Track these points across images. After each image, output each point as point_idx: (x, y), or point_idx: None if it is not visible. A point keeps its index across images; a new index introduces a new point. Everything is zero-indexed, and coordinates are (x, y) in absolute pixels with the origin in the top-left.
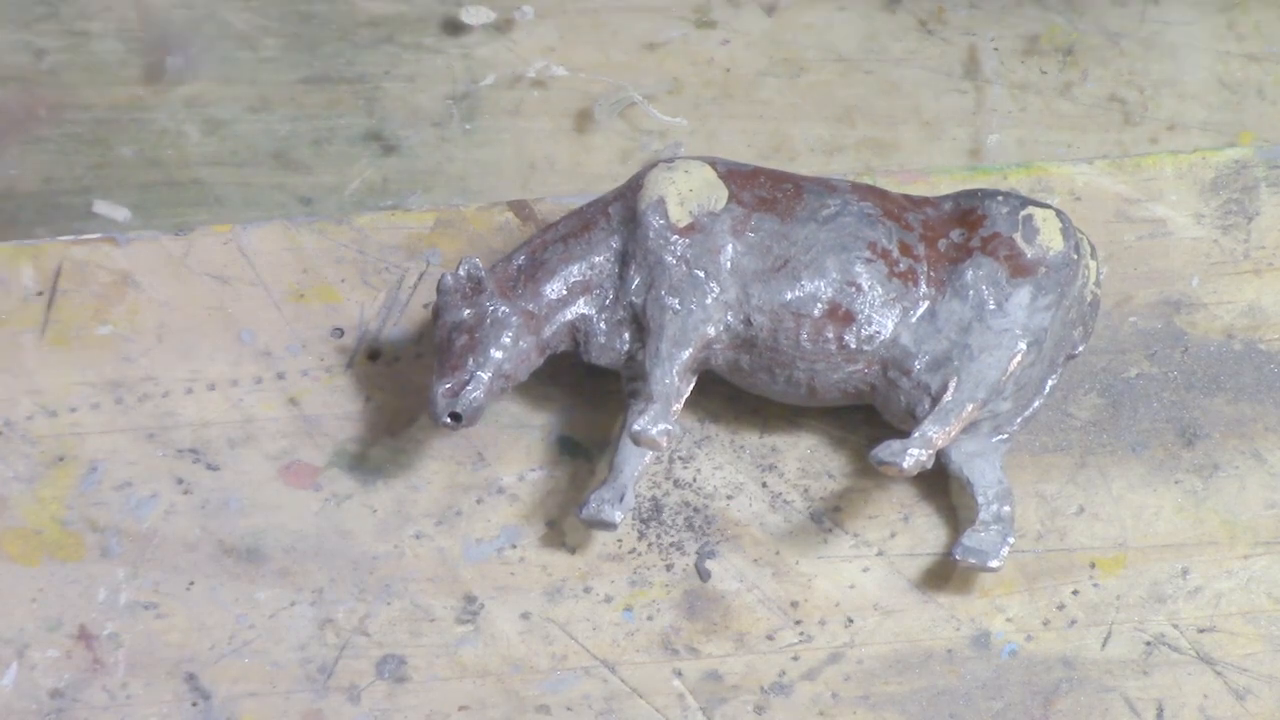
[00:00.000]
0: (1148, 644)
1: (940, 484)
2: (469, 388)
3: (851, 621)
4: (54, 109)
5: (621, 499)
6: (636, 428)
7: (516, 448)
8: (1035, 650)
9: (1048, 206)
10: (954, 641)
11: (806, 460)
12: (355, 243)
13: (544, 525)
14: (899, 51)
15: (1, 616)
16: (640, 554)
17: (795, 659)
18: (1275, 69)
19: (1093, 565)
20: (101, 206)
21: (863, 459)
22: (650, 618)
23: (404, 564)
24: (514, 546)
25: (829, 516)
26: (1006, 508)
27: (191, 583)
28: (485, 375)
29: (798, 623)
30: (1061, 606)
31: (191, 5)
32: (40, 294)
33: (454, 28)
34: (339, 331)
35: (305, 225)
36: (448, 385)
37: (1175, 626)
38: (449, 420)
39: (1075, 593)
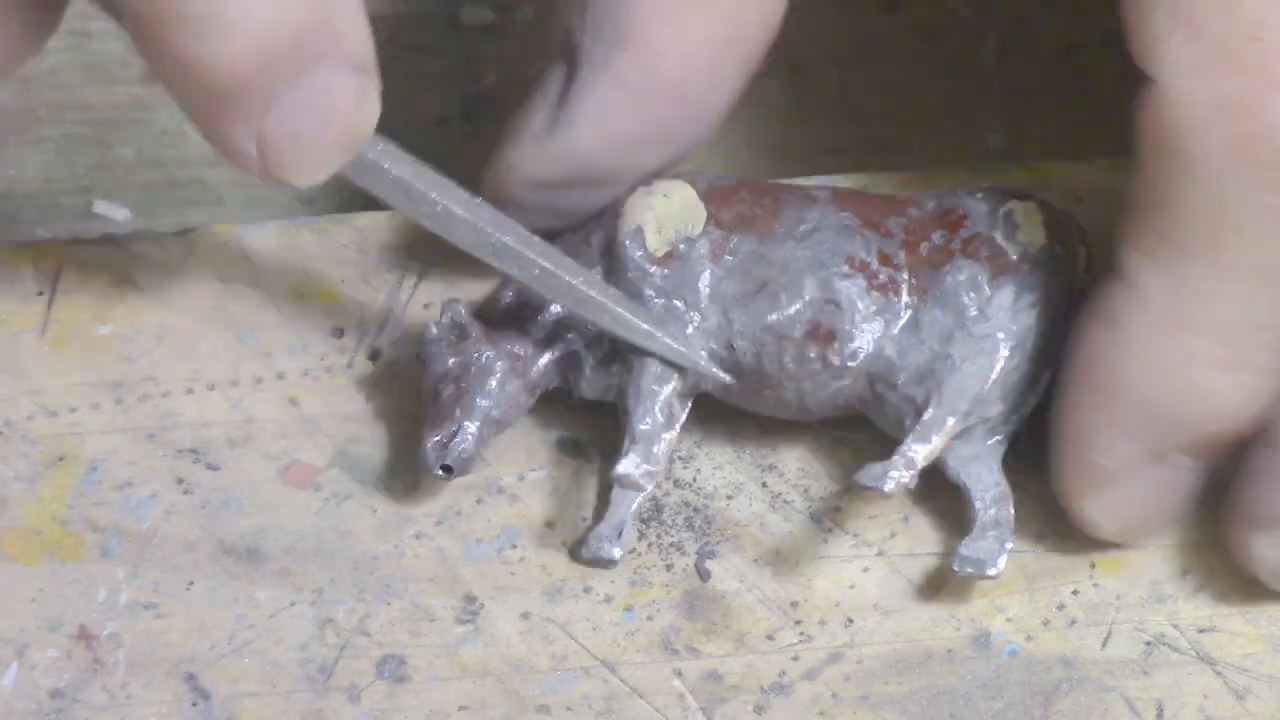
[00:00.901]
0: (1148, 644)
1: (940, 484)
2: (457, 440)
3: (851, 621)
4: (54, 109)
5: (620, 534)
6: (620, 471)
7: (516, 448)
8: (1035, 650)
9: (1029, 198)
10: (954, 641)
11: (806, 460)
12: (355, 243)
13: (544, 525)
14: (899, 52)
15: (1, 616)
16: (640, 554)
17: (795, 659)
18: None
19: (1093, 565)
20: (101, 206)
21: (863, 459)
22: (650, 618)
23: (404, 564)
24: (514, 546)
25: (829, 516)
26: (1004, 511)
27: (191, 583)
28: (473, 426)
29: (798, 623)
30: (1061, 606)
31: None
32: (40, 294)
33: (454, 28)
34: (339, 331)
35: (305, 225)
36: (437, 438)
37: (1175, 626)
38: (440, 473)
39: (1075, 593)
